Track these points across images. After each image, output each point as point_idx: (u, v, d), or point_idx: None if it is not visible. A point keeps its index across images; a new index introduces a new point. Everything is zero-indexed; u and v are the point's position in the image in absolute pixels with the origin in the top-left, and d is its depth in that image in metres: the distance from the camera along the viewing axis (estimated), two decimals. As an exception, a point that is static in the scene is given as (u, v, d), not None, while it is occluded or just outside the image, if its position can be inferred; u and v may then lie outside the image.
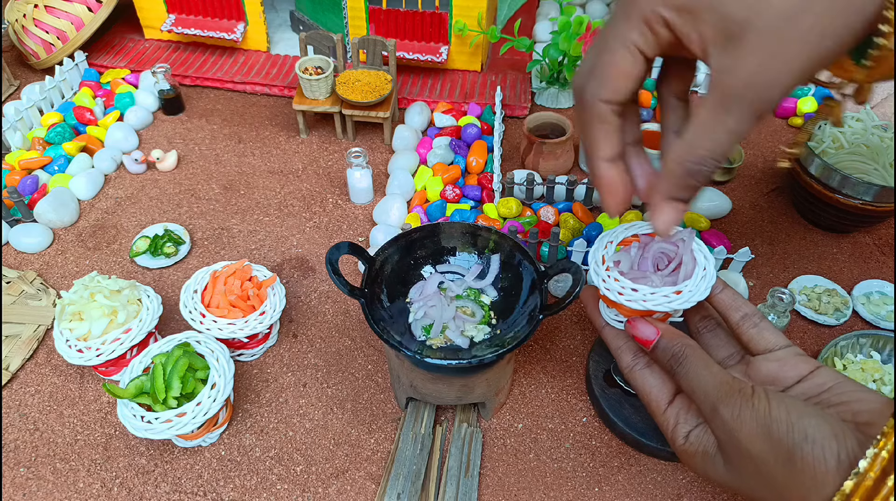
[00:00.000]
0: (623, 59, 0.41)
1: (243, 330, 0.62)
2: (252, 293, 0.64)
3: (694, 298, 0.45)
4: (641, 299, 0.46)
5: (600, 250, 0.50)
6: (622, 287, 0.47)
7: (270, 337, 0.67)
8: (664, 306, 0.45)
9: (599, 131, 0.43)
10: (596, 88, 0.42)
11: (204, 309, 0.63)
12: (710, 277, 0.47)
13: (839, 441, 0.34)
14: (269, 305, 0.64)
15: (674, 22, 0.39)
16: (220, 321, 0.62)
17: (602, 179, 0.45)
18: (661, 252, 0.49)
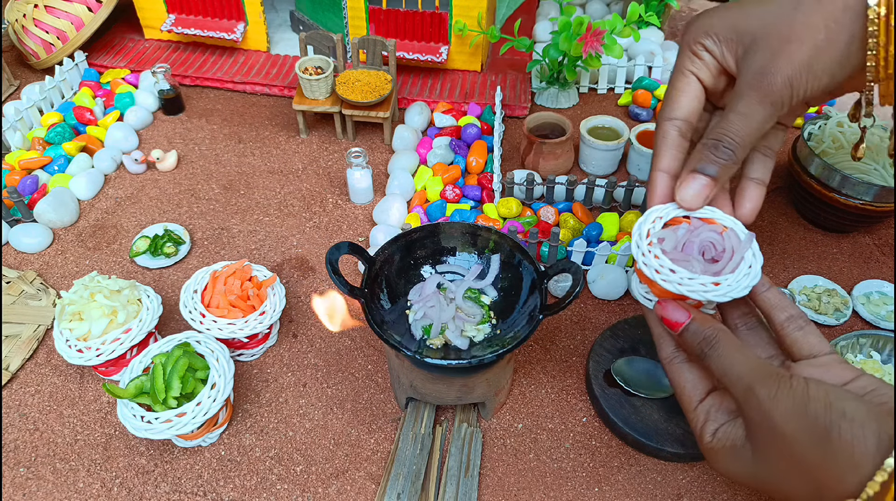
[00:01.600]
0: (679, 82, 0.50)
1: (243, 330, 0.62)
2: (252, 293, 0.64)
3: (732, 293, 0.44)
4: (677, 282, 0.44)
5: (647, 223, 0.48)
6: (661, 265, 0.45)
7: (270, 337, 0.67)
8: (699, 295, 0.44)
9: (659, 144, 0.50)
10: (662, 109, 0.51)
11: (204, 309, 0.63)
12: (753, 275, 0.46)
13: (879, 422, 0.34)
14: (269, 305, 0.64)
15: (710, 47, 0.48)
16: (220, 321, 0.62)
17: (649, 184, 0.50)
18: (710, 241, 0.47)
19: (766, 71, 0.45)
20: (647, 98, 0.99)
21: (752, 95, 0.45)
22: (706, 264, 0.47)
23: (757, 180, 0.51)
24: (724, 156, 0.46)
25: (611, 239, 0.77)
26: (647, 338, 0.67)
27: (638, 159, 0.87)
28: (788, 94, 0.45)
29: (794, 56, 0.44)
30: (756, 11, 0.46)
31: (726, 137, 0.46)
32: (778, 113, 0.46)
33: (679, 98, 0.50)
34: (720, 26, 0.48)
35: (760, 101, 0.45)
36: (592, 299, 0.74)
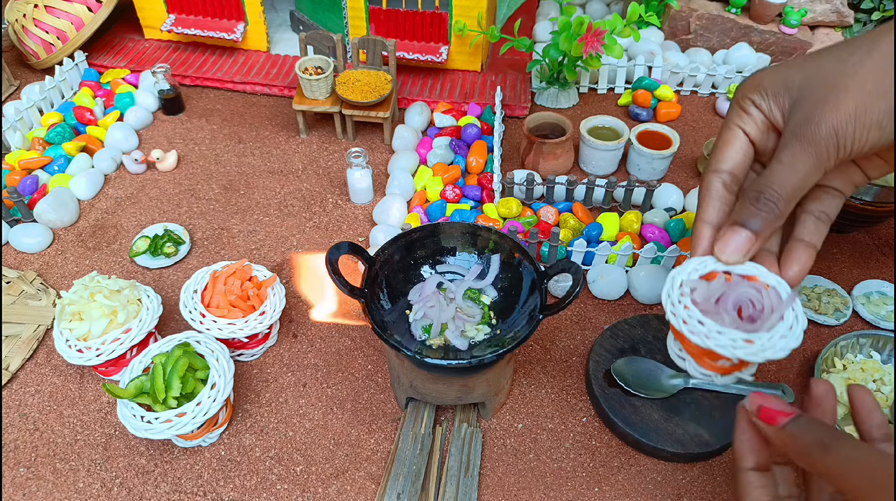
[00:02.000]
0: (726, 135, 0.49)
1: (243, 330, 0.62)
2: (252, 293, 0.64)
3: (767, 353, 0.41)
4: (704, 334, 0.41)
5: (683, 272, 0.46)
6: (689, 316, 0.43)
7: (270, 337, 0.67)
8: (728, 351, 0.41)
9: (703, 196, 0.49)
10: (709, 163, 0.50)
11: (204, 309, 0.63)
12: (794, 337, 0.42)
13: None
14: (269, 305, 0.64)
15: (758, 102, 0.47)
16: (219, 321, 0.62)
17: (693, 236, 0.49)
18: (748, 298, 0.44)
19: (810, 119, 0.43)
20: (647, 98, 0.99)
21: (796, 145, 0.44)
22: (742, 322, 0.44)
23: (807, 243, 0.49)
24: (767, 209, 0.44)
25: (611, 239, 0.77)
26: (646, 338, 0.67)
27: (638, 159, 0.87)
28: (834, 143, 0.43)
29: (840, 105, 0.42)
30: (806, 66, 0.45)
31: (769, 189, 0.44)
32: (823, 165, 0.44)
33: (725, 150, 0.48)
34: (769, 81, 0.47)
35: (804, 150, 0.43)
36: (592, 299, 0.74)
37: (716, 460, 0.59)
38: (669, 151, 0.85)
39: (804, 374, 0.66)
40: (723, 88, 1.04)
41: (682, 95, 1.05)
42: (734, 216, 0.46)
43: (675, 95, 1.02)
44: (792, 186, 0.44)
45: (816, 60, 0.45)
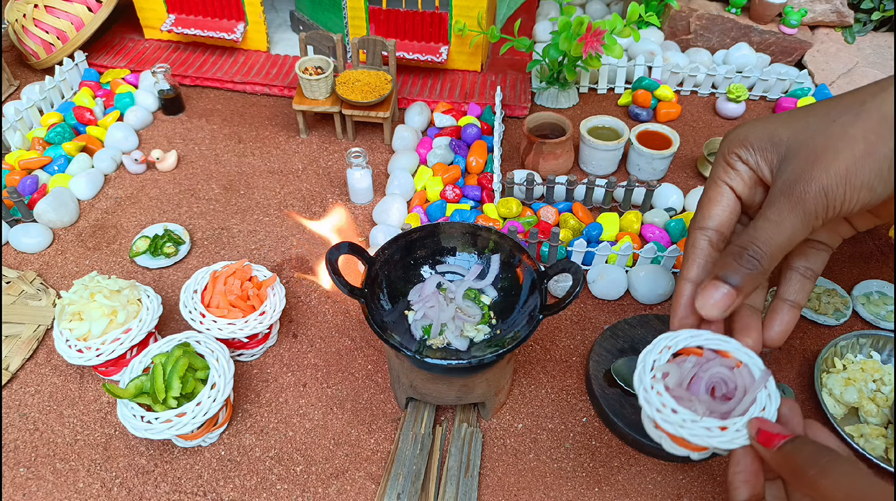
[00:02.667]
0: (712, 192, 0.49)
1: (243, 330, 0.62)
2: (252, 293, 0.64)
3: (741, 440, 0.41)
4: (678, 424, 0.41)
5: (654, 353, 0.46)
6: (662, 404, 0.43)
7: (270, 337, 0.67)
8: (703, 440, 0.41)
9: (688, 253, 0.49)
10: (694, 218, 0.50)
11: (204, 309, 0.63)
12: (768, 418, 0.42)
13: None
14: (269, 305, 0.64)
15: (745, 157, 0.47)
16: (219, 321, 0.62)
17: (675, 293, 0.49)
18: (721, 377, 0.44)
19: (799, 179, 0.43)
20: (647, 98, 0.99)
21: (784, 203, 0.43)
22: (715, 401, 0.44)
23: (791, 303, 0.49)
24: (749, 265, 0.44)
25: (611, 239, 0.77)
26: (647, 338, 0.67)
27: (638, 159, 0.87)
28: (823, 204, 0.43)
29: (830, 166, 0.42)
30: (793, 122, 0.45)
31: (752, 246, 0.44)
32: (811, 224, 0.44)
33: (711, 208, 0.48)
34: (755, 136, 0.47)
35: (792, 209, 0.43)
36: (592, 299, 0.74)
37: (716, 460, 0.59)
38: (669, 152, 0.85)
39: (805, 374, 0.66)
40: (723, 88, 1.04)
41: (682, 95, 1.05)
42: (715, 270, 0.45)
43: (675, 95, 1.02)
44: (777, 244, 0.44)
45: (803, 118, 0.45)
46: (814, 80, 1.07)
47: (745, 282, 0.44)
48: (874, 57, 1.10)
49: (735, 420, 0.42)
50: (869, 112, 0.42)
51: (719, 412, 0.43)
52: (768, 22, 1.10)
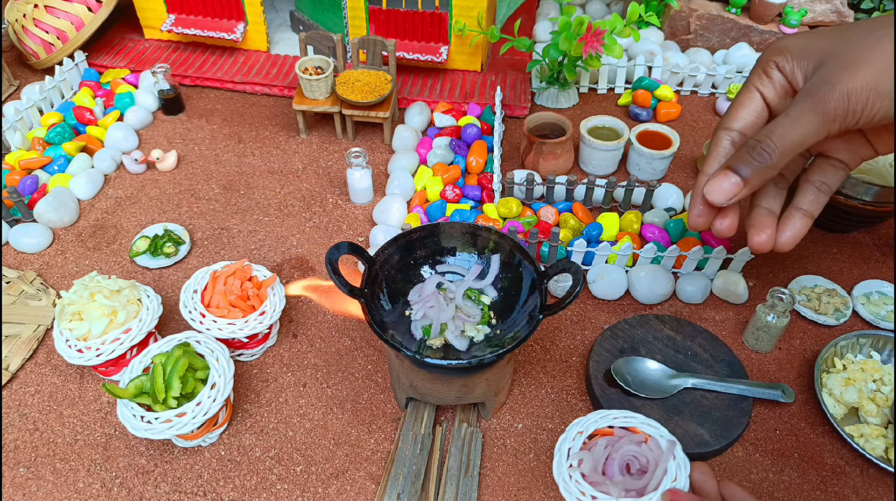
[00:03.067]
0: (743, 96, 0.50)
1: (243, 330, 0.62)
2: (252, 293, 0.64)
3: None
4: None
5: (567, 441, 0.51)
6: (581, 492, 0.47)
7: (270, 337, 0.67)
8: None
9: (711, 150, 0.51)
10: (722, 120, 0.51)
11: (204, 309, 0.63)
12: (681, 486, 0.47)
13: None
14: (269, 305, 0.64)
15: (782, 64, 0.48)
16: (219, 321, 0.62)
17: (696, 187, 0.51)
18: (632, 455, 0.49)
19: (826, 81, 0.44)
20: (647, 98, 0.99)
21: (806, 102, 0.45)
22: (630, 478, 0.48)
23: (804, 211, 0.51)
24: (760, 158, 0.46)
25: (611, 239, 0.77)
26: (646, 338, 0.67)
27: (638, 159, 0.87)
28: (843, 107, 0.44)
29: (858, 72, 0.43)
30: (830, 35, 0.47)
31: (767, 139, 0.46)
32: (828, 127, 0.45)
33: (738, 110, 0.50)
34: (795, 45, 0.48)
35: (812, 108, 0.44)
36: (592, 299, 0.74)
37: (715, 460, 0.59)
38: (669, 152, 0.85)
39: (804, 374, 0.66)
40: (723, 88, 1.04)
41: (682, 95, 1.05)
42: (729, 161, 0.48)
43: (675, 95, 1.02)
44: (791, 141, 0.45)
45: (841, 31, 0.47)
46: (814, 80, 1.07)
47: (753, 174, 0.46)
48: (874, 57, 1.10)
49: (650, 496, 0.46)
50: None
51: (636, 489, 0.47)
52: (768, 22, 1.10)
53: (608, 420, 0.52)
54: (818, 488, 0.58)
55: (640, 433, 0.51)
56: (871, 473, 0.59)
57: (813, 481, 0.58)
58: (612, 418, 0.52)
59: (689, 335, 0.67)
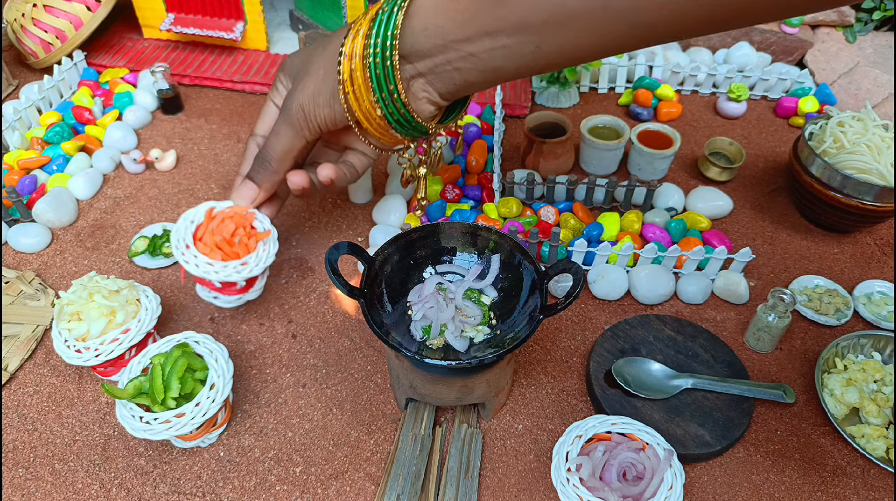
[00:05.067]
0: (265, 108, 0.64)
1: (218, 274, 0.59)
2: (238, 241, 0.61)
3: None
4: None
5: (566, 444, 0.52)
6: (579, 497, 0.48)
7: (251, 291, 0.65)
8: None
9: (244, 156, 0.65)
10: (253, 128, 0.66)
11: (191, 241, 0.60)
12: (676, 497, 0.48)
13: None
14: (255, 258, 0.61)
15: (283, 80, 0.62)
16: (199, 257, 0.60)
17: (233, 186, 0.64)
18: (630, 462, 0.50)
19: (290, 96, 0.57)
20: (647, 97, 0.99)
21: (281, 117, 0.57)
22: (627, 485, 0.49)
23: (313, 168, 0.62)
24: (264, 167, 0.59)
25: (611, 239, 0.77)
26: (647, 338, 0.67)
27: (639, 159, 0.87)
28: (302, 117, 0.56)
29: (306, 88, 0.55)
30: (305, 53, 0.58)
31: (265, 151, 0.59)
32: (301, 133, 0.57)
33: (262, 119, 0.63)
34: (287, 64, 0.60)
35: (285, 121, 0.57)
36: (593, 300, 0.73)
37: (716, 460, 0.59)
38: (670, 151, 0.85)
39: (806, 375, 0.66)
40: (724, 87, 1.04)
41: (683, 94, 1.05)
42: (248, 172, 0.61)
43: (675, 94, 1.02)
44: (280, 150, 0.58)
45: (309, 48, 0.58)
46: (815, 79, 1.07)
47: (263, 179, 0.60)
48: (875, 56, 1.10)
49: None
50: (332, 45, 0.54)
51: (632, 496, 0.48)
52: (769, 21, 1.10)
53: (606, 426, 0.53)
54: (819, 489, 0.58)
55: (638, 441, 0.52)
56: (873, 474, 0.59)
57: (814, 482, 0.58)
58: (610, 423, 0.53)
59: (689, 336, 0.67)
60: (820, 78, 1.07)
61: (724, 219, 0.83)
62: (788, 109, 0.99)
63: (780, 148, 0.95)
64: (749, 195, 0.87)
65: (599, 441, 0.53)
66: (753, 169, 0.91)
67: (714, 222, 0.83)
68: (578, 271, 0.52)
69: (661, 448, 0.51)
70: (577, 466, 0.50)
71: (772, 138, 0.97)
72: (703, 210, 0.82)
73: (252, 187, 0.60)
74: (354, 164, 0.63)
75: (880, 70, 1.06)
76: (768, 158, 0.93)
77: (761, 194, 0.87)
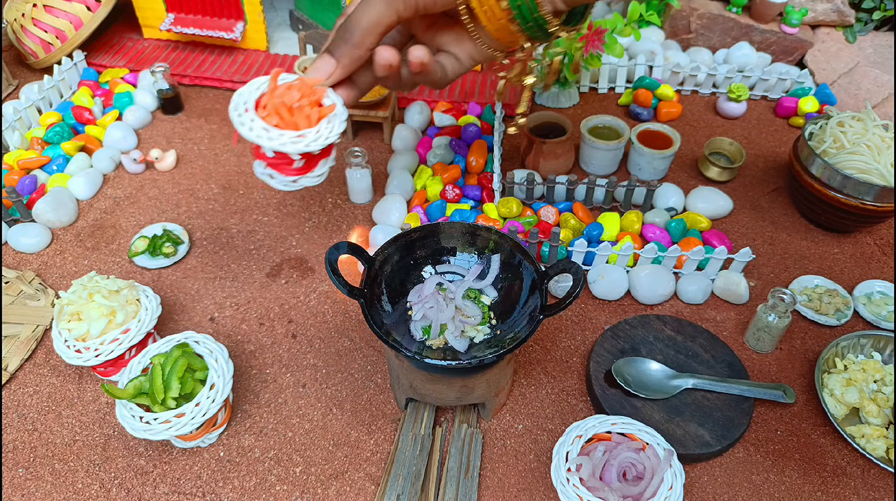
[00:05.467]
0: None
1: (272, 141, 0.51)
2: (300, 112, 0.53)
3: None
4: None
5: (566, 444, 0.52)
6: (579, 497, 0.49)
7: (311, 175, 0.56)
8: None
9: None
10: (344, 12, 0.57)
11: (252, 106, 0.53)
12: (675, 497, 0.48)
13: None
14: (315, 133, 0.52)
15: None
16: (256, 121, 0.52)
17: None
18: (630, 462, 0.50)
19: None
20: (647, 97, 0.99)
21: None
22: (627, 485, 0.49)
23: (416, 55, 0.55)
24: (345, 39, 0.52)
25: (611, 239, 0.77)
26: (647, 338, 0.67)
27: (639, 159, 0.87)
28: None
29: None
30: None
31: (349, 22, 0.52)
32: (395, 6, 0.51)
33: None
34: None
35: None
36: (593, 300, 0.73)
37: (716, 460, 0.59)
38: (670, 151, 0.85)
39: (806, 375, 0.66)
40: (724, 87, 1.04)
41: (683, 94, 1.05)
42: (326, 45, 0.54)
43: (675, 94, 1.02)
44: (367, 22, 0.52)
45: None
46: (815, 79, 1.07)
47: (342, 53, 0.52)
48: (875, 56, 1.10)
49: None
50: None
51: (632, 496, 0.48)
52: (769, 21, 1.10)
53: (606, 426, 0.53)
54: (819, 489, 0.58)
55: (638, 441, 0.52)
56: (873, 473, 0.59)
57: (814, 482, 0.58)
58: (610, 423, 0.53)
59: (689, 336, 0.67)
60: (820, 78, 1.07)
61: (724, 219, 0.83)
62: (788, 109, 0.99)
63: (780, 148, 0.95)
64: (749, 195, 0.87)
65: (599, 441, 0.53)
66: (753, 169, 0.91)
67: (714, 222, 0.83)
68: (578, 271, 0.52)
69: (661, 448, 0.51)
70: (577, 466, 0.50)
71: (772, 138, 0.97)
72: (703, 210, 0.82)
73: (329, 61, 0.52)
74: (446, 65, 0.57)
75: (880, 70, 1.06)
76: (768, 158, 0.93)
77: (761, 194, 0.87)
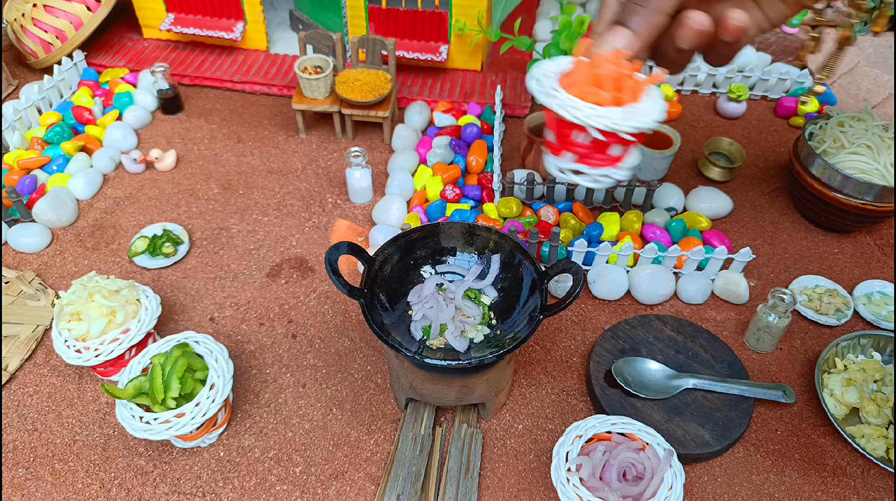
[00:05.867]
0: None
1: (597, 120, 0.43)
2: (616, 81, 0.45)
3: None
4: None
5: (566, 444, 0.52)
6: (579, 497, 0.49)
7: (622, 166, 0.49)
8: None
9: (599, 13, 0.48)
10: None
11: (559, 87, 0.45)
12: (675, 497, 0.49)
13: None
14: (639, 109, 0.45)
15: None
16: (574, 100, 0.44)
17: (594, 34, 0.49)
18: (630, 462, 0.50)
19: None
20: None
21: None
22: (627, 485, 0.49)
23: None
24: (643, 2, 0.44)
25: (611, 239, 0.77)
26: (647, 339, 0.67)
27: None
28: None
29: None
30: None
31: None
32: None
33: None
34: None
35: None
36: (593, 300, 0.73)
37: (716, 460, 0.59)
38: (670, 151, 0.85)
39: (806, 375, 0.66)
40: (724, 87, 1.04)
41: (683, 94, 1.05)
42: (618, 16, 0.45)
43: (675, 94, 1.02)
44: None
45: None
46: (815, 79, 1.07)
47: (641, 22, 0.44)
48: (875, 57, 1.10)
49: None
50: None
51: (632, 496, 0.48)
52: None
53: (606, 426, 0.53)
54: (819, 489, 0.58)
55: (638, 441, 0.52)
56: (873, 474, 0.59)
57: (814, 482, 0.58)
58: (610, 423, 0.53)
59: (689, 336, 0.67)
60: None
61: (724, 219, 0.83)
62: (788, 109, 0.99)
63: (780, 148, 0.95)
64: (749, 195, 0.87)
65: (599, 441, 0.53)
66: (753, 169, 0.91)
67: (714, 222, 0.82)
68: (578, 271, 0.52)
69: (661, 448, 0.51)
70: (577, 466, 0.50)
71: (772, 138, 0.97)
72: (703, 210, 0.82)
73: (623, 32, 0.43)
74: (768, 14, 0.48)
75: (880, 70, 1.06)
76: (768, 158, 0.93)
77: (761, 194, 0.87)
